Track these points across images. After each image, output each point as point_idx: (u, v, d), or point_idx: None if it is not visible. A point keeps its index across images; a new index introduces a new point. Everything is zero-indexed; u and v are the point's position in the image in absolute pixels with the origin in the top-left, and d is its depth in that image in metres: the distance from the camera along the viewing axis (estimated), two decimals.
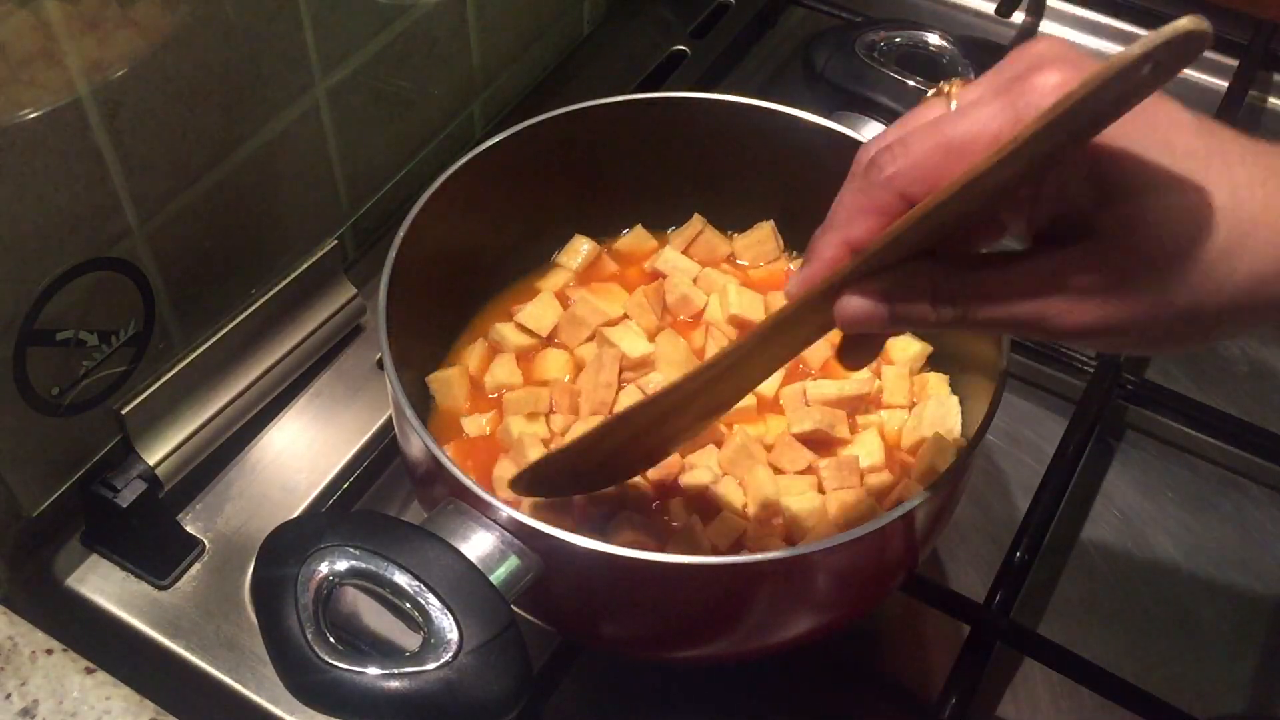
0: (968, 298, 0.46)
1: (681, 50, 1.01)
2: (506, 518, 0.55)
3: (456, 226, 0.68)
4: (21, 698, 0.58)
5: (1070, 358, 0.78)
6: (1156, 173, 0.43)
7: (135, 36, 0.61)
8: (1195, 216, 0.43)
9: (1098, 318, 0.45)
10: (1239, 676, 0.69)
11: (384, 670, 0.50)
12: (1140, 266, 0.44)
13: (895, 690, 0.69)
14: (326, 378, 0.79)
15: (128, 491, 0.68)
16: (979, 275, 0.47)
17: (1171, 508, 0.76)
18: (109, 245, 0.64)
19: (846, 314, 0.48)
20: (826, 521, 0.63)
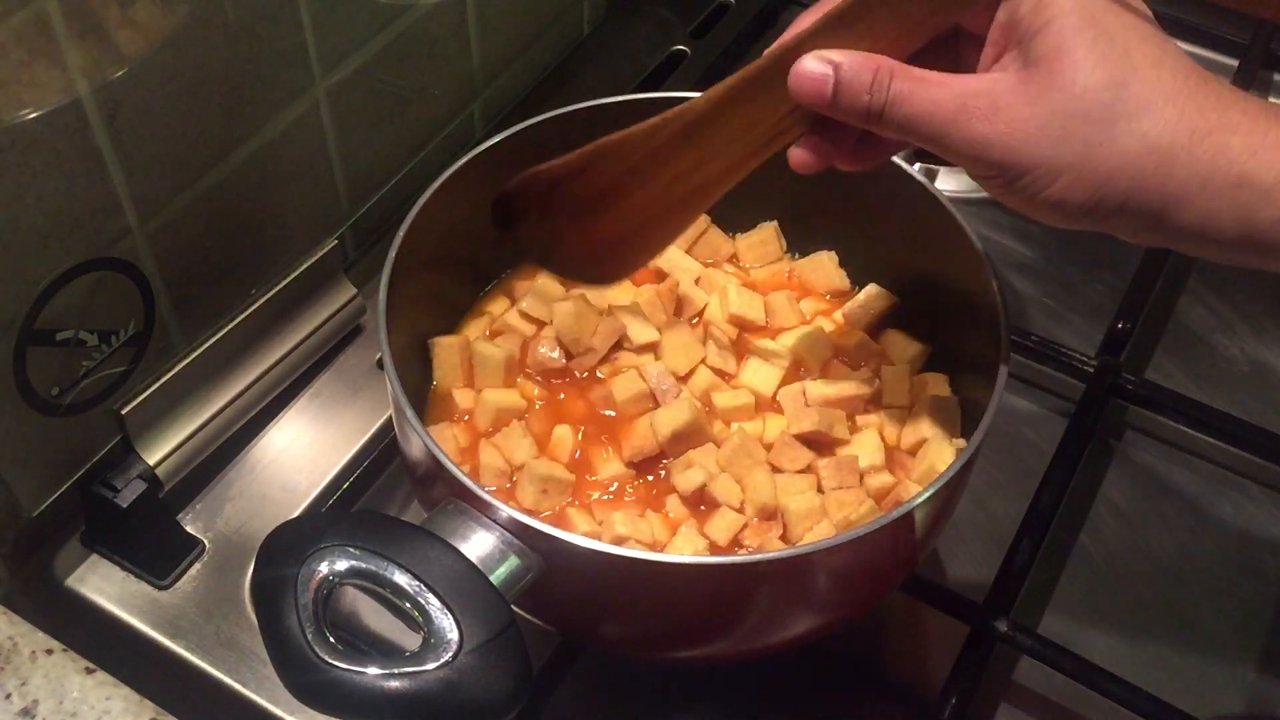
0: (900, 92, 0.51)
1: (681, 50, 1.01)
2: (506, 518, 0.55)
3: (456, 227, 0.68)
4: (21, 698, 0.58)
5: (1070, 357, 0.78)
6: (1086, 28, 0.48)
7: (135, 36, 0.61)
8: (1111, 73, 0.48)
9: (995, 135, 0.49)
10: (1239, 676, 0.69)
11: (384, 670, 0.50)
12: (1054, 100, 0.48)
13: (895, 690, 0.69)
14: (326, 378, 0.79)
15: (128, 491, 0.68)
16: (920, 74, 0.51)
17: (1171, 508, 0.76)
18: (109, 245, 0.64)
19: (799, 70, 0.52)
20: (826, 521, 0.63)
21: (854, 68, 0.51)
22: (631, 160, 0.59)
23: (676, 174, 0.59)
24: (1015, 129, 0.49)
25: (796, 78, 0.53)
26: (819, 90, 0.52)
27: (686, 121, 0.57)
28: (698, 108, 0.56)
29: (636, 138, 0.58)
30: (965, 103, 0.50)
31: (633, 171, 0.59)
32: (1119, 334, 0.79)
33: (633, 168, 0.59)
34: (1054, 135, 0.48)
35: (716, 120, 0.57)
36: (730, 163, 0.58)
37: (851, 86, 0.51)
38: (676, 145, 0.58)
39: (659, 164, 0.59)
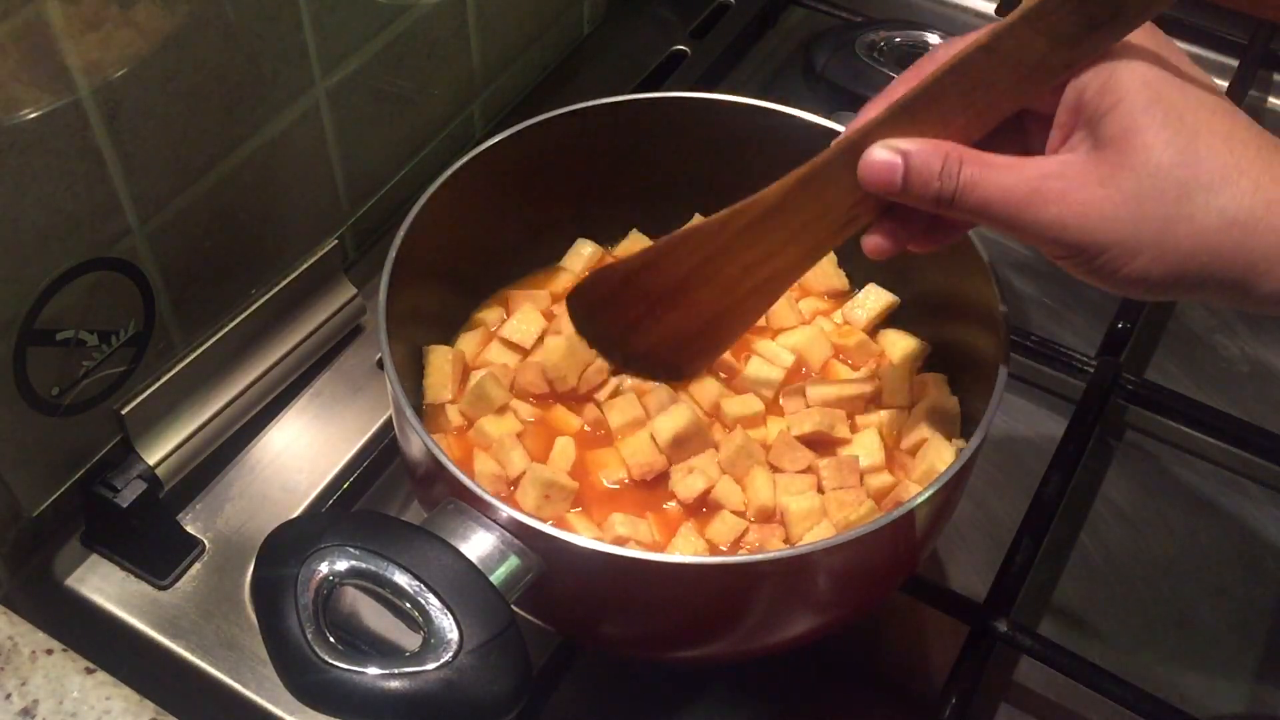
0: (971, 178, 0.51)
1: (681, 50, 1.01)
2: (506, 518, 0.55)
3: (456, 227, 0.68)
4: (21, 698, 0.58)
5: (1070, 357, 0.78)
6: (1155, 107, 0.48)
7: (135, 37, 0.61)
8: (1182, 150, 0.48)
9: (1070, 217, 0.49)
10: (1239, 676, 0.69)
11: (384, 670, 0.50)
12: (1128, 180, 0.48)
13: (895, 690, 0.69)
14: (326, 378, 0.79)
15: (128, 491, 0.68)
16: (989, 158, 0.51)
17: (1171, 508, 0.76)
18: (109, 245, 0.64)
19: (868, 160, 0.53)
20: (826, 521, 0.63)
21: (923, 155, 0.52)
22: (703, 252, 0.60)
23: (746, 265, 0.60)
24: (1090, 210, 0.49)
25: (866, 167, 0.53)
26: (889, 179, 0.52)
27: (756, 213, 0.58)
28: (767, 199, 0.57)
29: (707, 230, 0.59)
30: (1037, 186, 0.50)
31: (704, 264, 0.60)
32: (1119, 334, 0.79)
33: (704, 260, 0.60)
34: (1130, 215, 0.48)
35: (785, 211, 0.57)
36: (800, 253, 0.59)
37: (921, 174, 0.52)
38: (746, 237, 0.58)
39: (729, 256, 0.59)
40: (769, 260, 0.59)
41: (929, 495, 0.56)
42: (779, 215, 0.57)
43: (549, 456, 0.66)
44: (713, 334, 0.64)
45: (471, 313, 0.74)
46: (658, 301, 0.63)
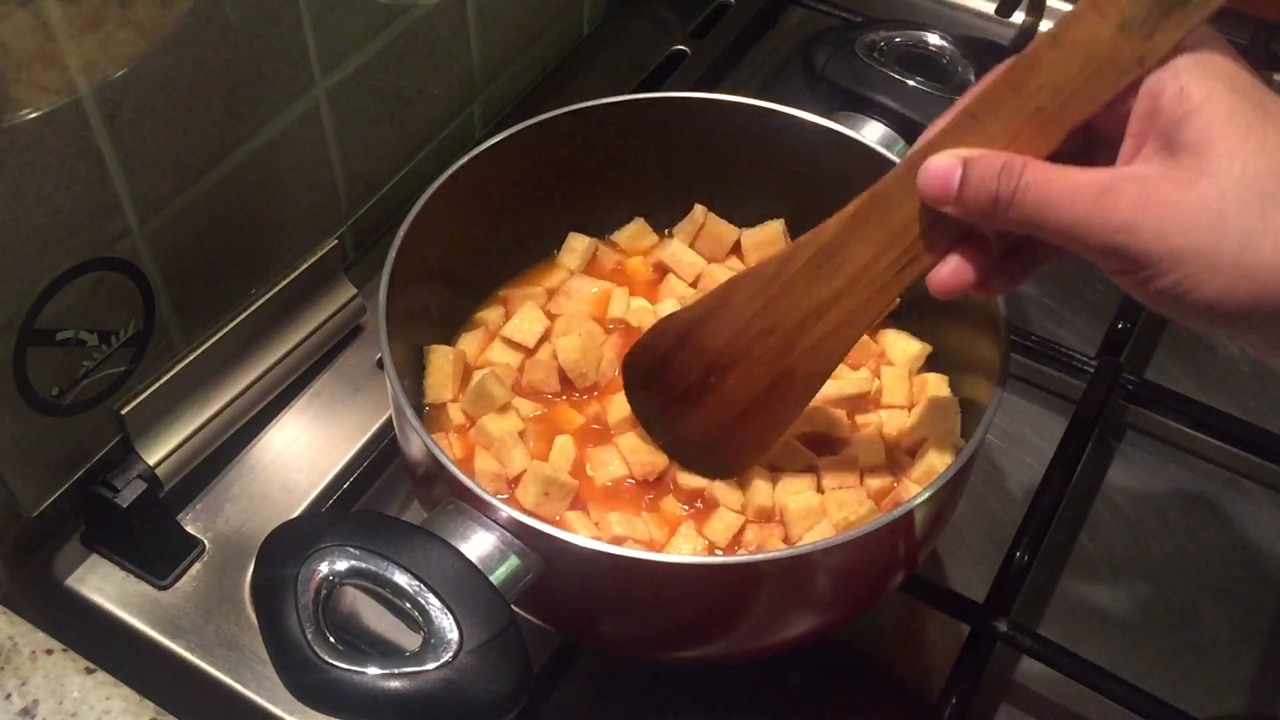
0: (1034, 179, 0.48)
1: (681, 50, 1.01)
2: (506, 518, 0.55)
3: (456, 226, 0.68)
4: (21, 698, 0.58)
5: (1070, 357, 0.78)
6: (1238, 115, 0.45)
7: (135, 36, 0.61)
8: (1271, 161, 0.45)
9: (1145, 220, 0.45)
10: (1239, 676, 0.69)
11: (384, 670, 0.50)
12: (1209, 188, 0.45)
13: (895, 690, 0.69)
14: (326, 378, 0.79)
15: (128, 491, 0.68)
16: (1054, 165, 0.49)
17: (1171, 508, 0.76)
18: (109, 245, 0.64)
19: (926, 173, 0.51)
20: (825, 521, 0.63)
21: (984, 159, 0.49)
22: (765, 295, 0.58)
23: (806, 315, 0.58)
24: (1167, 213, 0.45)
25: (924, 174, 0.51)
26: (945, 182, 0.50)
27: (817, 247, 0.56)
28: (829, 229, 0.56)
29: (768, 268, 0.58)
30: (1109, 184, 0.46)
31: (764, 312, 0.58)
32: (1119, 334, 0.79)
33: (764, 307, 0.58)
34: (1210, 225, 0.44)
35: (848, 242, 0.55)
36: (862, 299, 0.56)
37: (980, 176, 0.49)
38: (808, 276, 0.57)
39: (790, 300, 0.58)
40: (832, 307, 0.57)
41: (929, 495, 0.56)
42: (842, 249, 0.56)
43: (549, 455, 0.66)
44: (768, 410, 0.61)
45: (471, 312, 0.74)
46: (715, 362, 0.61)
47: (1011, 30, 1.01)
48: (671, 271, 0.74)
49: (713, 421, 0.63)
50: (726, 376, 0.61)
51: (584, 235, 0.76)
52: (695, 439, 0.64)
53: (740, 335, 0.60)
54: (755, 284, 0.59)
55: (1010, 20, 1.02)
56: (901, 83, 0.75)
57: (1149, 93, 0.47)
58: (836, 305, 0.57)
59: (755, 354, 0.60)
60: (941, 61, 0.78)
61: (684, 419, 0.64)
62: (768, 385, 0.61)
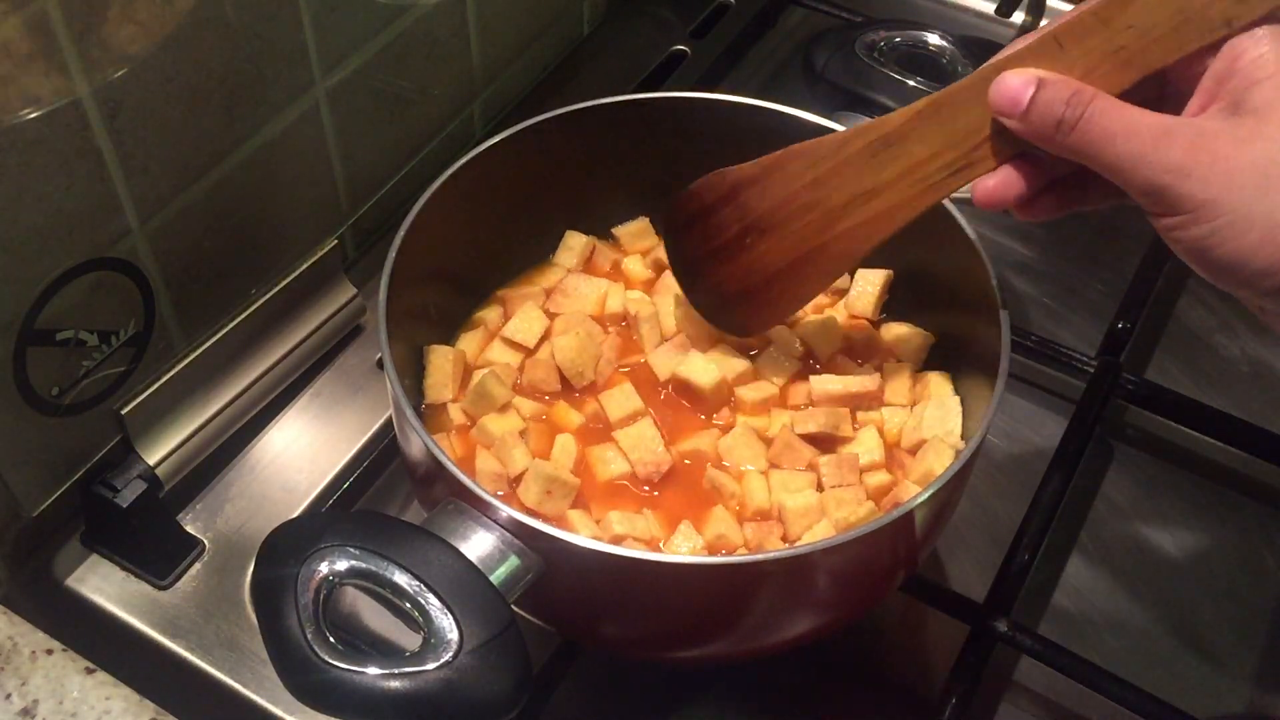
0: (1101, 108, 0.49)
1: (681, 50, 1.01)
2: (506, 518, 0.55)
3: (457, 226, 0.68)
4: (21, 698, 0.58)
5: (1070, 357, 0.78)
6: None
7: (135, 36, 0.61)
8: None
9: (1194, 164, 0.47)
10: (1239, 676, 0.69)
11: (384, 670, 0.50)
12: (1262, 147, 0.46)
13: (895, 690, 0.69)
14: (326, 378, 0.79)
15: (128, 491, 0.68)
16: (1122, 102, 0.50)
17: (1171, 508, 0.76)
18: (109, 245, 0.64)
19: (1000, 85, 0.52)
20: (825, 520, 0.63)
21: (1057, 83, 0.51)
22: (815, 172, 0.60)
23: (853, 197, 0.59)
24: (1217, 163, 0.47)
25: (997, 85, 0.53)
26: (1016, 97, 0.52)
27: (878, 135, 0.57)
28: (891, 121, 0.57)
29: (825, 147, 0.59)
30: (1170, 127, 0.48)
31: (812, 186, 0.60)
32: (1119, 334, 0.79)
33: (814, 181, 0.60)
34: (1254, 183, 0.46)
35: (908, 138, 0.57)
36: (910, 193, 0.58)
37: (1049, 98, 0.51)
38: (862, 162, 0.58)
39: (840, 180, 0.59)
40: (877, 196, 0.58)
41: (929, 495, 0.56)
42: (901, 142, 0.57)
43: (551, 454, 0.66)
44: (794, 281, 0.63)
45: (471, 312, 0.74)
46: (754, 225, 0.62)
47: (1011, 30, 1.01)
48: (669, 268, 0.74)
49: (741, 280, 0.65)
50: (762, 240, 0.63)
51: (581, 234, 0.76)
52: (722, 293, 0.66)
53: (784, 203, 0.61)
54: (810, 158, 0.60)
55: (1010, 20, 1.01)
56: (901, 83, 0.75)
57: (1228, 54, 0.49)
58: (882, 195, 0.59)
59: (794, 225, 0.61)
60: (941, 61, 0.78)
61: (714, 273, 0.66)
62: (799, 257, 0.62)
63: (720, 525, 0.63)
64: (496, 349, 0.71)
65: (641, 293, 0.74)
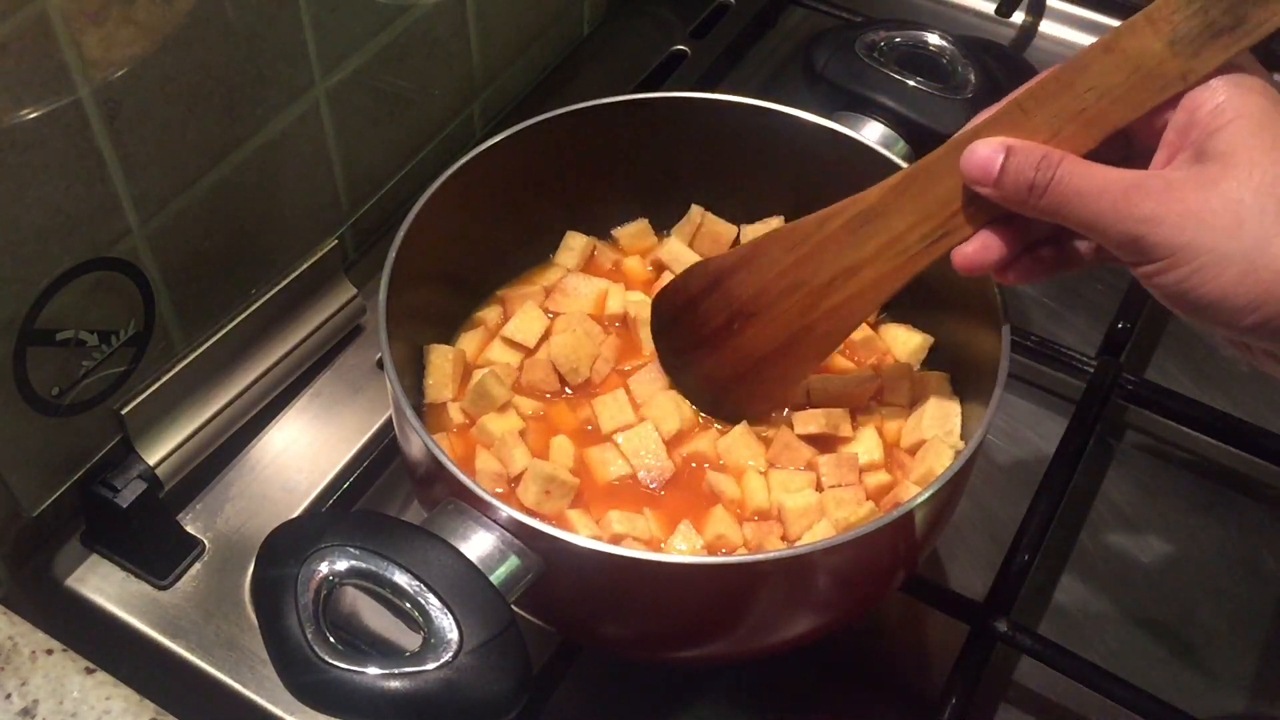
0: (1070, 171, 0.51)
1: (681, 50, 1.01)
2: (506, 518, 0.55)
3: (456, 226, 0.68)
4: (21, 698, 0.58)
5: (1070, 357, 0.78)
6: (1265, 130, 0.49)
7: (135, 36, 0.61)
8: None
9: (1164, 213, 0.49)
10: (1239, 676, 0.69)
11: (384, 670, 0.50)
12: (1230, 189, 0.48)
13: (895, 690, 0.69)
14: (326, 378, 0.79)
15: (128, 491, 0.68)
16: (1090, 162, 0.52)
17: (1171, 508, 0.76)
18: (109, 245, 0.64)
19: (970, 155, 0.54)
20: (824, 520, 0.63)
21: (1026, 148, 0.53)
22: (798, 252, 0.61)
23: (834, 275, 0.60)
24: (1188, 209, 0.48)
25: (968, 155, 0.54)
26: (987, 165, 0.53)
27: (854, 212, 0.59)
28: (867, 198, 0.58)
29: (806, 226, 0.60)
30: (1137, 182, 0.50)
31: (794, 268, 0.61)
32: (1119, 334, 0.79)
33: (795, 263, 0.61)
34: (1226, 224, 0.48)
35: (885, 212, 0.58)
36: (890, 268, 0.59)
37: (1020, 164, 0.52)
38: (841, 239, 0.59)
39: (821, 259, 0.60)
40: (859, 272, 0.60)
41: (929, 495, 0.56)
42: (880, 217, 0.58)
43: (549, 454, 0.66)
44: (784, 362, 0.64)
45: (471, 312, 0.74)
46: (740, 310, 0.64)
47: (1011, 30, 1.01)
48: (669, 269, 0.74)
49: (731, 367, 0.66)
50: (749, 325, 0.64)
51: (581, 234, 0.76)
52: (712, 382, 0.67)
53: (768, 287, 0.63)
54: (790, 240, 0.62)
55: (1010, 20, 1.02)
56: (901, 83, 0.75)
57: (1187, 106, 0.50)
58: (865, 270, 0.60)
59: (780, 307, 0.63)
60: (941, 61, 0.78)
61: (704, 361, 0.67)
62: (787, 339, 0.63)
63: (720, 525, 0.63)
64: (496, 349, 0.71)
65: (642, 293, 0.74)
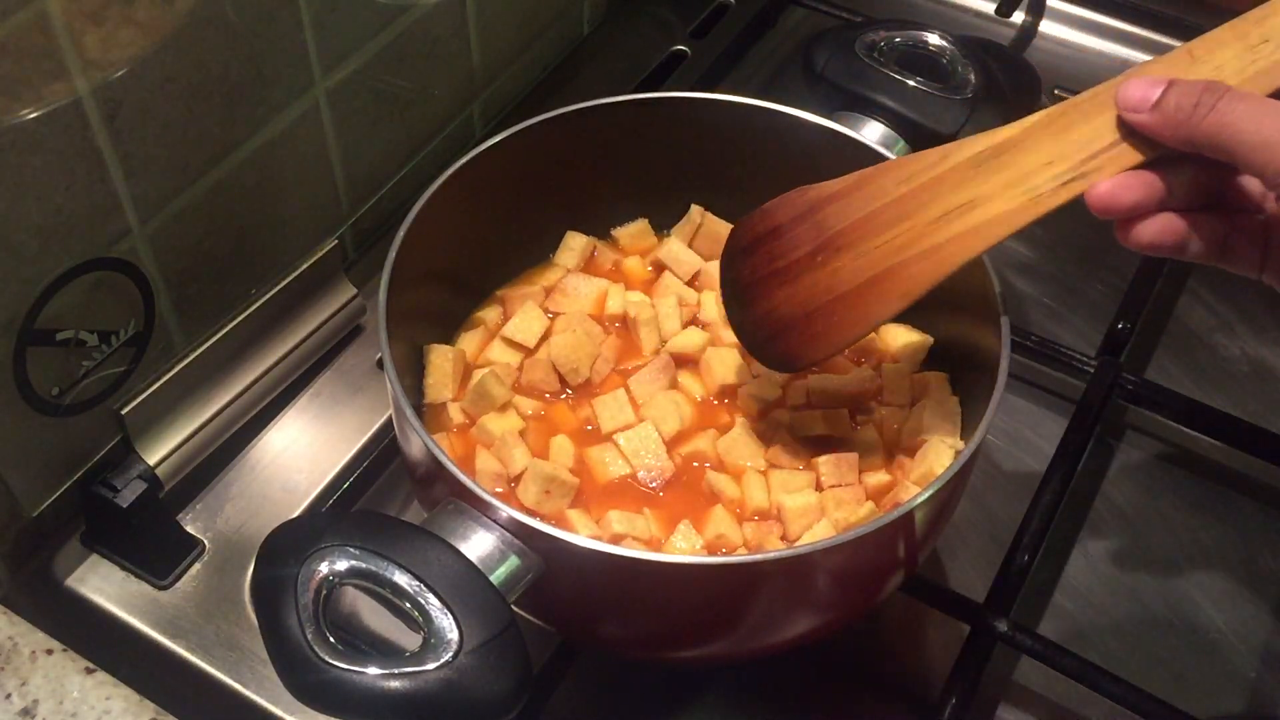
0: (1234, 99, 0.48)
1: (681, 50, 1.01)
2: (506, 518, 0.55)
3: (456, 227, 0.68)
4: (21, 698, 0.58)
5: (1070, 357, 0.78)
6: None
7: (136, 36, 0.61)
8: None
9: None
10: (1239, 676, 0.69)
11: (384, 670, 0.50)
12: None
13: (895, 690, 0.69)
14: (326, 378, 0.79)
15: (128, 491, 0.68)
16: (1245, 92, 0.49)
17: (1171, 508, 0.76)
18: (109, 245, 0.64)
19: (1129, 83, 0.51)
20: (824, 520, 0.63)
21: (1188, 83, 0.50)
22: (911, 184, 0.56)
23: (950, 209, 0.55)
24: None
25: (1126, 84, 0.51)
26: (1146, 93, 0.50)
27: (987, 145, 0.55)
28: (1002, 132, 0.54)
29: (926, 158, 0.56)
30: None
31: (906, 199, 0.56)
32: (1119, 334, 0.79)
33: (909, 194, 0.56)
34: None
35: (1021, 147, 0.54)
36: (1016, 205, 0.54)
37: (1182, 90, 0.49)
38: (967, 172, 0.55)
39: (938, 191, 0.56)
40: (976, 208, 0.55)
41: (929, 496, 0.56)
42: (1008, 152, 0.54)
43: (549, 453, 0.66)
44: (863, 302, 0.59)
45: (471, 312, 0.74)
46: (829, 241, 0.58)
47: (1011, 30, 1.01)
48: (668, 269, 0.74)
49: (802, 304, 0.61)
50: (836, 258, 0.59)
51: (581, 234, 0.76)
52: (774, 320, 0.62)
53: (869, 219, 0.58)
54: (905, 172, 0.57)
55: (1010, 20, 1.02)
56: (901, 83, 0.75)
57: None
58: (983, 206, 0.55)
59: (874, 241, 0.58)
60: (941, 61, 0.78)
61: (773, 294, 0.62)
62: (875, 276, 0.58)
63: (720, 525, 0.63)
64: (496, 348, 0.71)
65: (641, 294, 0.74)
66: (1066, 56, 1.01)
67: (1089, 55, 1.01)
